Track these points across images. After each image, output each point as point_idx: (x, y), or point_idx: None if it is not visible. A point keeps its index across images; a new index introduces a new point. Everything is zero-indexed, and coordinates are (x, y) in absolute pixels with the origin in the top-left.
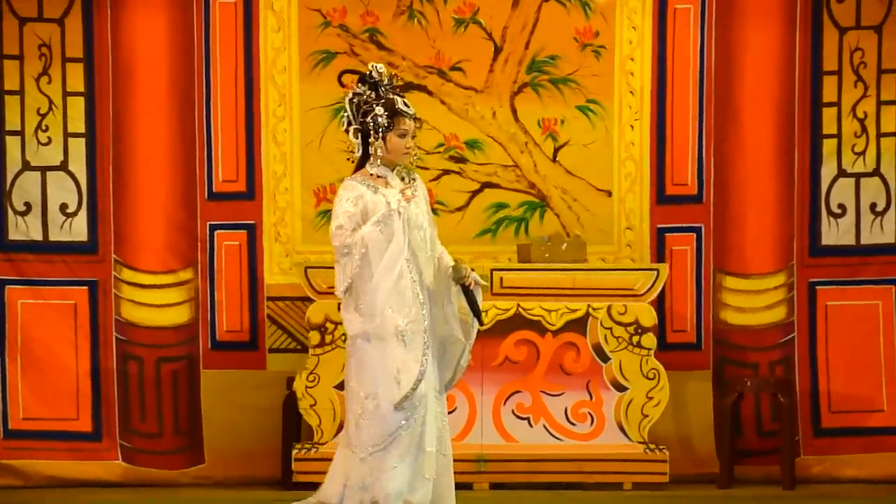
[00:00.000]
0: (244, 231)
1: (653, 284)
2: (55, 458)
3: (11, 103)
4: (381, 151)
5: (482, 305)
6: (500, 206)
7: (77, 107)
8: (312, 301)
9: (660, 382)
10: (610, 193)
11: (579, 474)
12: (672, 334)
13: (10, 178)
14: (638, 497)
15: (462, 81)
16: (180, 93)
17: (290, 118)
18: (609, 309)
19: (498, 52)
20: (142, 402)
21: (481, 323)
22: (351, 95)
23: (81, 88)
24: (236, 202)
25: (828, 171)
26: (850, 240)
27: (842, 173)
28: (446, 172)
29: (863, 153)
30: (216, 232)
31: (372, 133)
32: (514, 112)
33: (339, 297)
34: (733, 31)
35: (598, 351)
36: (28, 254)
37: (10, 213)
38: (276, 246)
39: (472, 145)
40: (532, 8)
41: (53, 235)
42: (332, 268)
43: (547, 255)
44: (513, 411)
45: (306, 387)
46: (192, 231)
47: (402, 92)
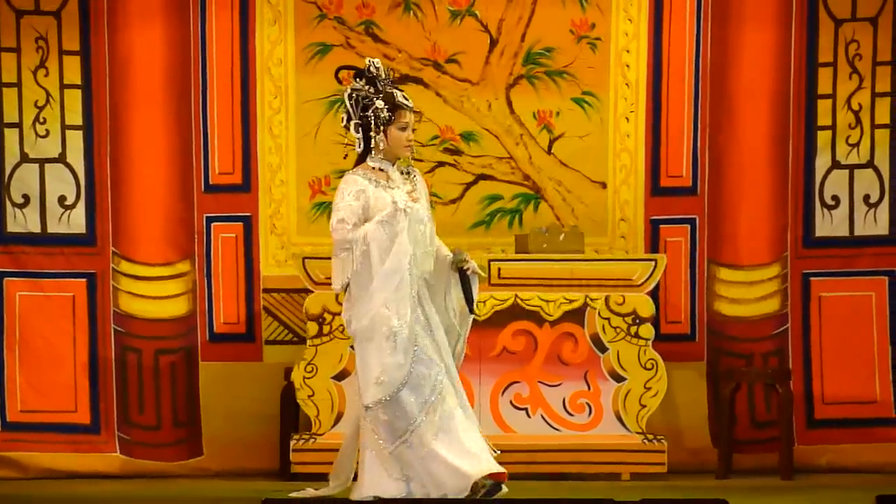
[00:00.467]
0: (240, 223)
1: (651, 275)
2: (53, 450)
3: (9, 96)
4: (382, 145)
5: (479, 297)
6: (495, 198)
7: (74, 99)
8: (308, 292)
9: (658, 373)
10: (604, 185)
11: (577, 465)
12: (666, 325)
13: (8, 170)
14: (636, 487)
15: (458, 74)
16: (177, 85)
17: (285, 110)
18: (607, 299)
19: (494, 44)
20: (140, 394)
21: (472, 312)
22: (349, 90)
23: (78, 81)
24: (232, 194)
25: (822, 162)
26: (843, 231)
27: (836, 165)
28: (441, 164)
29: (857, 145)
30: (213, 224)
31: (373, 127)
32: (510, 104)
33: (335, 291)
34: (729, 23)
35: (596, 341)
36: (26, 246)
37: (8, 205)
38: (271, 238)
39: (468, 137)
40: (528, 0)
41: (52, 227)
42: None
43: (545, 246)
44: (511, 402)
45: (304, 377)
46: (189, 223)
47: (397, 84)
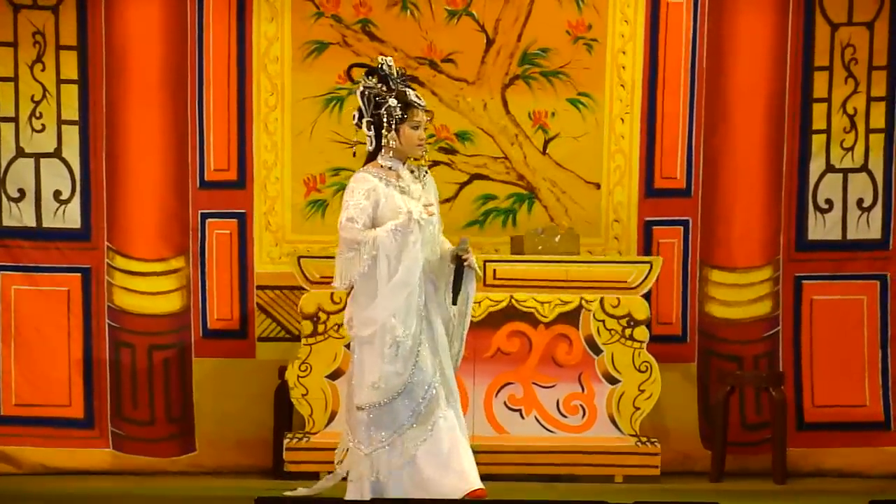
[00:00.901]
0: (235, 220)
1: (646, 277)
2: (47, 444)
3: (5, 90)
4: (394, 143)
5: (474, 297)
6: (489, 198)
7: (71, 94)
8: (302, 289)
9: (652, 375)
10: (599, 186)
11: (571, 466)
12: (657, 326)
13: (3, 164)
14: (629, 490)
15: (453, 73)
16: (173, 81)
17: (281, 108)
18: (602, 301)
19: (490, 44)
20: (133, 390)
21: (454, 303)
22: (362, 88)
23: (75, 76)
24: (227, 191)
25: (816, 166)
26: (836, 235)
27: (830, 168)
28: (436, 163)
29: (851, 149)
30: (207, 220)
31: (385, 125)
32: (505, 104)
33: (335, 289)
34: (725, 25)
35: (591, 343)
36: (21, 240)
37: (3, 199)
38: (266, 235)
39: (463, 137)
40: (525, 0)
41: (47, 222)
42: (325, 257)
43: (540, 248)
44: (505, 403)
45: (298, 376)
46: (184, 219)
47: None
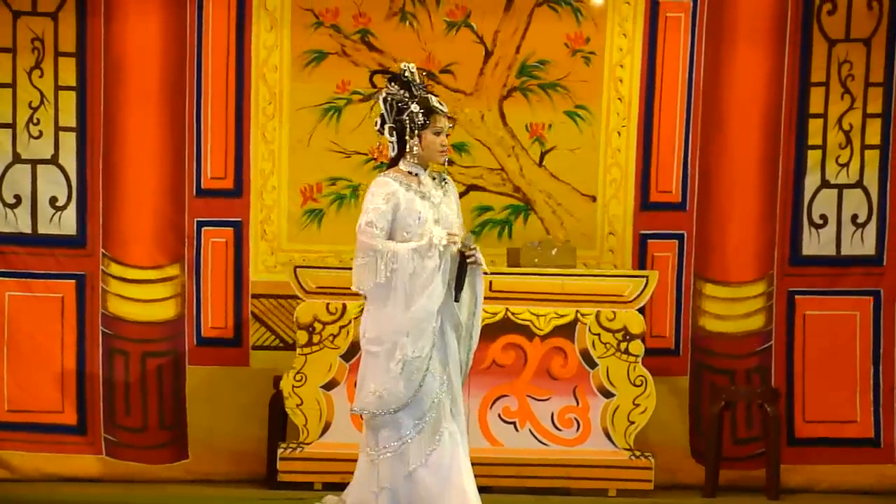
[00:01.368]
0: (231, 228)
1: (642, 291)
2: (39, 450)
3: (3, 96)
4: (416, 149)
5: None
6: (485, 209)
7: (69, 101)
8: (297, 298)
9: (647, 390)
10: (594, 199)
11: (564, 480)
12: (651, 339)
13: (0, 170)
14: (623, 503)
15: (451, 84)
16: (171, 89)
17: (279, 117)
18: (597, 315)
19: (488, 55)
20: (126, 397)
21: (456, 299)
22: (384, 94)
23: (73, 83)
24: (224, 199)
25: (811, 181)
26: (830, 250)
27: (825, 184)
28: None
29: (847, 165)
30: (203, 228)
31: (408, 131)
32: (503, 116)
33: (354, 290)
34: (723, 40)
35: (586, 357)
36: (16, 246)
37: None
38: (261, 244)
39: (460, 148)
40: (524, 13)
41: (42, 228)
42: (322, 267)
43: (536, 260)
44: (499, 415)
45: (293, 386)
46: (180, 227)
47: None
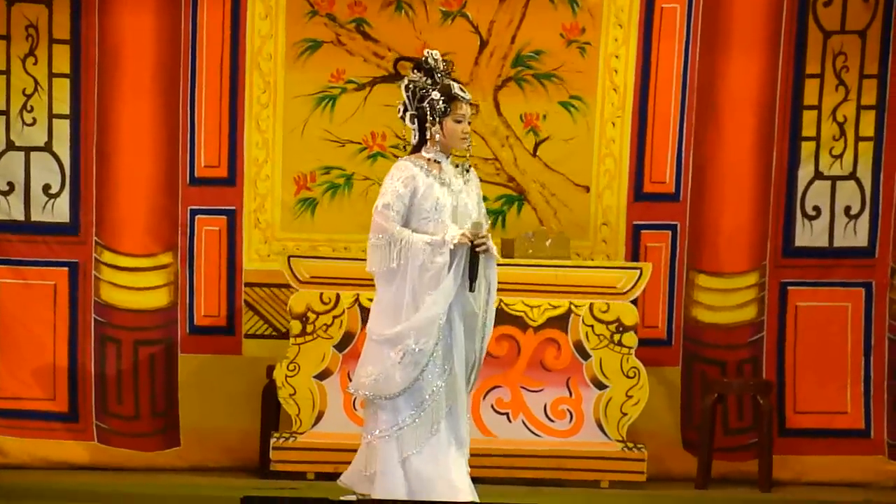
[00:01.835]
0: (224, 217)
1: (635, 283)
2: (32, 436)
3: None
4: (437, 136)
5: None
6: None
7: (62, 88)
8: (290, 287)
9: (640, 381)
10: (588, 189)
11: (557, 471)
12: (643, 330)
13: None
14: (615, 495)
15: None
16: (165, 77)
17: (273, 105)
18: (591, 306)
19: (483, 45)
20: (119, 385)
21: (471, 289)
22: (407, 82)
23: (67, 70)
24: (217, 188)
25: (805, 173)
26: (823, 242)
27: (818, 176)
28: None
29: (840, 156)
30: (197, 217)
31: (428, 118)
32: (497, 106)
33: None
34: (719, 33)
35: (579, 348)
36: (9, 234)
37: None
38: (255, 232)
39: None
40: (519, 3)
41: (35, 216)
42: (316, 257)
43: (530, 251)
44: (492, 406)
45: (286, 376)
46: (173, 215)
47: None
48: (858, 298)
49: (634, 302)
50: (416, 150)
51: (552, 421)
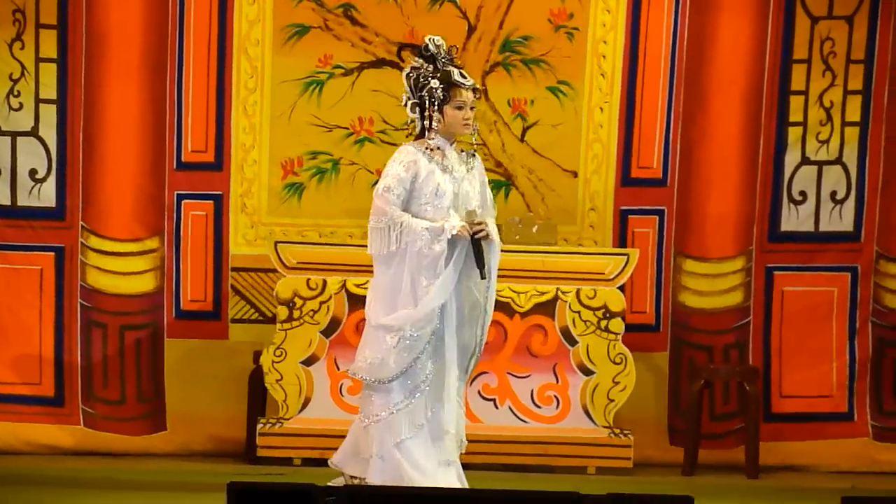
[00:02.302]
0: (211, 201)
1: (622, 269)
2: (17, 420)
3: None
4: (438, 124)
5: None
6: None
7: (49, 73)
8: (277, 272)
9: (626, 367)
10: (576, 174)
11: (544, 457)
12: (630, 315)
13: None
14: (602, 481)
15: None
16: (152, 62)
17: (261, 90)
18: (578, 293)
19: (471, 30)
20: (105, 369)
21: (483, 276)
22: (409, 70)
23: (54, 55)
24: (204, 172)
25: (791, 158)
26: (809, 226)
27: (805, 161)
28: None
29: (826, 141)
30: (183, 201)
31: (428, 106)
32: (485, 91)
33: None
34: (707, 17)
35: (566, 334)
36: None
37: None
38: (241, 217)
39: None
40: None
41: (21, 201)
42: (303, 243)
43: (517, 237)
44: (479, 392)
45: (273, 361)
46: (160, 200)
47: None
48: (844, 283)
49: (622, 288)
50: (421, 136)
51: (539, 407)
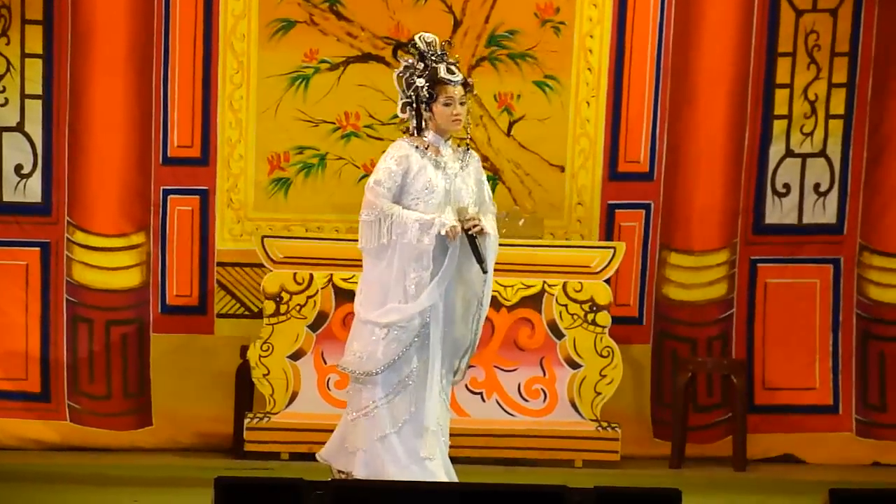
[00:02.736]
0: (197, 196)
1: (609, 262)
2: (3, 416)
3: None
4: (428, 123)
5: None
6: None
7: (35, 69)
8: (263, 267)
9: (613, 360)
10: (563, 169)
11: (531, 450)
12: (615, 308)
13: None
14: (589, 474)
15: None
16: (138, 57)
17: (247, 85)
18: (564, 286)
19: (457, 25)
20: (90, 364)
21: (484, 271)
22: (400, 70)
23: (40, 50)
24: (190, 167)
25: (776, 150)
26: (792, 219)
27: (789, 153)
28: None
29: (811, 134)
30: (169, 196)
31: (415, 104)
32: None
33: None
34: (692, 11)
35: (553, 327)
36: None
37: None
38: (228, 212)
39: None
40: None
41: (7, 196)
42: (289, 237)
43: (504, 231)
44: (466, 386)
45: (260, 356)
46: (146, 195)
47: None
48: (827, 275)
49: (608, 281)
50: (418, 132)
51: (526, 400)
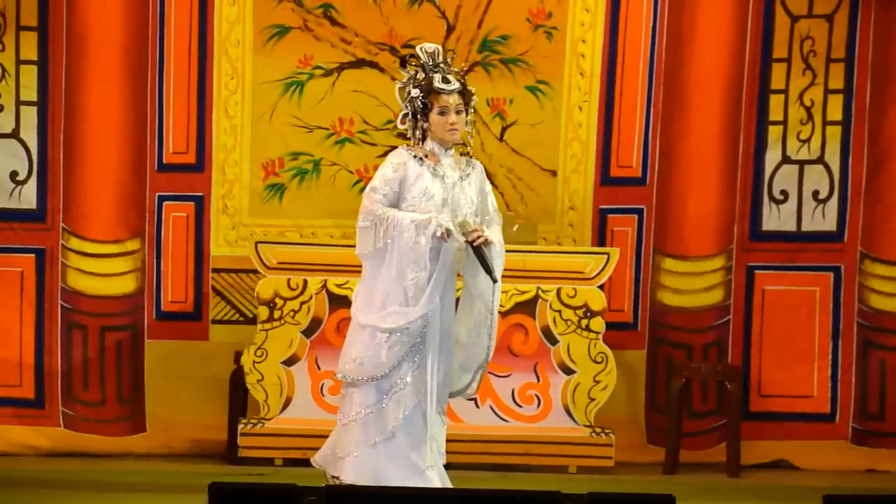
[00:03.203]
0: (192, 203)
1: (603, 268)
2: None
3: None
4: (425, 133)
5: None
6: None
7: (30, 75)
8: (258, 273)
9: (607, 366)
10: (555, 173)
11: (525, 456)
12: (609, 314)
13: None
14: (583, 480)
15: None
16: (133, 64)
17: (241, 91)
18: (558, 292)
19: (450, 30)
20: (85, 371)
21: (494, 280)
22: (402, 81)
23: (35, 57)
24: (185, 174)
25: (772, 157)
26: (791, 226)
27: (786, 160)
28: (393, 149)
29: (808, 140)
30: (164, 203)
31: (411, 115)
32: None
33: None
34: (686, 16)
35: (547, 333)
36: None
37: None
38: (223, 218)
39: None
40: None
41: (2, 203)
42: (283, 243)
43: None
44: None
45: (254, 362)
46: (141, 201)
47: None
48: (827, 282)
49: (602, 287)
50: (421, 143)
51: (520, 406)
